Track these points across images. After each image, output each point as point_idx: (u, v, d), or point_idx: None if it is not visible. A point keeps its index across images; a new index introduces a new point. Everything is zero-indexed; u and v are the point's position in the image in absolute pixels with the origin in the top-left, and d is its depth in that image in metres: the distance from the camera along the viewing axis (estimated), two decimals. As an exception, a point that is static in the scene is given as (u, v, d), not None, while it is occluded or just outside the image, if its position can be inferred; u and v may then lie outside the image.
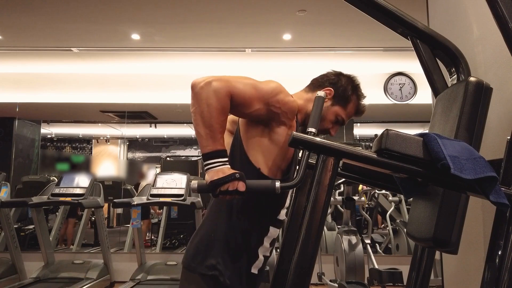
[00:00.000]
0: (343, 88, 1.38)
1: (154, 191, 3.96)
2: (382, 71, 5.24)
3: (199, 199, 3.94)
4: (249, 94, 1.18)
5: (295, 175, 1.15)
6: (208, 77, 1.14)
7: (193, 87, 1.13)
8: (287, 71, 5.23)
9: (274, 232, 1.33)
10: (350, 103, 1.39)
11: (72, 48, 4.66)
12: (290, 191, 1.40)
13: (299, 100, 1.35)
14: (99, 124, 7.43)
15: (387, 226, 4.59)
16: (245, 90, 1.17)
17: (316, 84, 1.40)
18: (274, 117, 1.24)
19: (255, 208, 1.29)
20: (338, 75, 1.42)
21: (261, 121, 1.25)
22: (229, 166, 1.15)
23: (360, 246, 3.20)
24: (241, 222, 1.27)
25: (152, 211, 5.99)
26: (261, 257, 1.30)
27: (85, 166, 7.94)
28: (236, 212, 1.28)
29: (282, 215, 1.36)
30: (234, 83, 1.16)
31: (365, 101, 1.44)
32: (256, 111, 1.21)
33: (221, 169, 1.12)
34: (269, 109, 1.22)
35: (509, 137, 1.16)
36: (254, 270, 1.29)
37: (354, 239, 3.19)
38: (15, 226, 4.30)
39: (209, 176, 1.12)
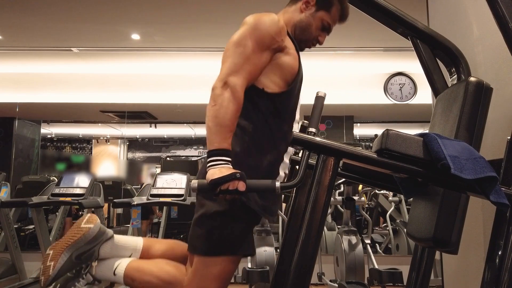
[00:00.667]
0: None
1: (154, 191, 3.95)
2: (382, 71, 5.23)
3: (199, 199, 3.93)
4: (256, 67, 1.24)
5: (295, 175, 1.15)
6: (222, 78, 1.20)
7: (213, 89, 1.20)
8: (287, 71, 5.21)
9: (290, 148, 1.38)
10: (333, 6, 1.41)
11: (72, 48, 4.65)
12: (299, 104, 1.41)
13: (284, 15, 1.42)
14: (99, 124, 7.42)
15: (387, 226, 4.59)
16: (251, 68, 1.22)
17: None
18: (277, 49, 1.29)
19: (277, 129, 1.31)
20: None
21: None
22: (230, 166, 1.15)
23: (360, 246, 3.20)
24: (267, 142, 1.29)
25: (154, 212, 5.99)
26: (281, 174, 1.35)
27: (85, 166, 7.94)
28: (262, 133, 1.29)
29: (295, 128, 1.39)
30: (242, 70, 1.21)
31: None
32: (268, 63, 1.27)
33: (222, 168, 1.13)
34: (273, 49, 1.26)
35: (509, 137, 1.16)
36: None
37: (354, 239, 3.19)
38: (15, 226, 4.30)
39: (210, 174, 1.13)
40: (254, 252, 1.34)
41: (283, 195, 2.87)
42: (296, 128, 1.39)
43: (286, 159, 1.35)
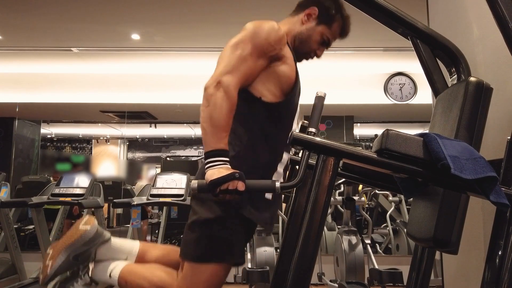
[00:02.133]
0: (327, 7, 1.42)
1: (154, 191, 3.95)
2: (382, 71, 5.23)
3: (199, 199, 3.93)
4: (252, 68, 1.23)
5: (295, 175, 1.15)
6: (216, 77, 1.18)
7: (205, 89, 1.19)
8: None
9: (286, 157, 1.37)
10: (335, 22, 1.42)
11: (72, 48, 4.65)
12: (296, 115, 1.41)
13: (285, 25, 1.40)
14: (99, 124, 7.42)
15: (387, 226, 4.58)
16: (247, 69, 1.22)
17: (301, 5, 1.45)
18: (273, 56, 1.28)
19: (273, 138, 1.31)
20: None
21: None
22: (229, 166, 1.15)
23: (360, 246, 3.19)
24: (261, 151, 1.29)
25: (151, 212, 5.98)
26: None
27: (85, 166, 7.94)
28: (256, 142, 1.29)
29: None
30: (238, 71, 1.20)
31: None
32: (263, 68, 1.26)
33: (221, 168, 1.13)
34: (269, 57, 1.26)
35: (509, 137, 1.16)
36: (268, 196, 1.31)
37: (354, 239, 3.19)
38: (15, 226, 4.30)
39: (209, 175, 1.13)
40: (244, 261, 1.34)
41: (282, 196, 2.87)
42: None
43: (280, 169, 1.34)
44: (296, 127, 1.40)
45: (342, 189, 3.73)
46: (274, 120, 1.30)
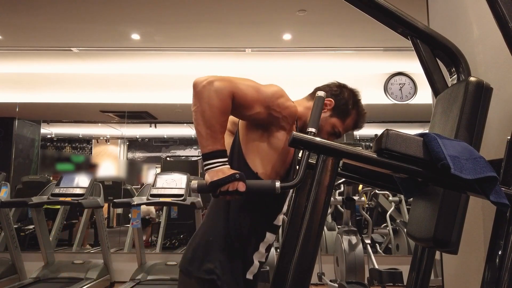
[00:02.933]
0: (344, 101, 1.38)
1: (154, 191, 3.96)
2: (382, 71, 5.24)
3: (199, 199, 3.94)
4: (250, 96, 1.17)
5: (295, 175, 1.15)
6: (210, 76, 1.12)
7: (195, 86, 1.12)
8: (287, 71, 5.23)
9: (270, 237, 1.32)
10: (349, 117, 1.39)
11: (72, 48, 4.66)
12: (289, 195, 1.39)
13: (300, 106, 1.34)
14: (99, 124, 7.42)
15: (387, 226, 4.59)
16: (247, 92, 1.16)
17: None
18: (274, 121, 1.23)
19: (253, 213, 1.28)
20: (341, 87, 1.42)
21: (261, 124, 1.24)
22: (229, 166, 1.14)
23: (360, 246, 3.20)
24: (238, 227, 1.26)
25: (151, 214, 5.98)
26: (256, 263, 1.29)
27: (85, 166, 7.93)
28: (234, 216, 1.27)
29: (279, 220, 1.35)
30: (237, 84, 1.15)
31: (365, 106, 1.44)
32: (257, 114, 1.20)
33: (221, 169, 1.12)
34: (269, 113, 1.21)
35: (509, 137, 1.16)
36: (249, 276, 1.27)
37: (354, 239, 3.19)
38: (15, 226, 4.30)
39: (209, 176, 1.11)
40: None
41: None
42: (280, 220, 1.35)
43: (263, 249, 1.30)
44: (286, 208, 1.37)
45: (342, 189, 3.73)
46: (264, 199, 1.27)
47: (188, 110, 1.16)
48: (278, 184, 1.11)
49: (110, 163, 8.27)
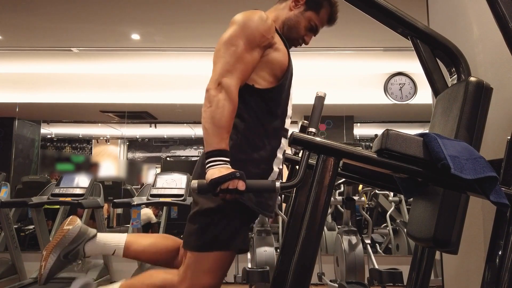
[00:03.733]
0: None
1: (154, 191, 3.95)
2: (382, 71, 5.23)
3: (199, 199, 3.93)
4: (248, 66, 1.25)
5: (295, 175, 1.15)
6: (216, 79, 1.20)
7: (207, 91, 1.21)
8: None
9: (285, 142, 1.38)
10: (322, 8, 1.44)
11: (72, 48, 4.65)
12: (290, 97, 1.42)
13: (272, 12, 1.43)
14: (99, 124, 7.42)
15: (387, 226, 4.58)
16: (245, 67, 1.24)
17: None
18: (269, 44, 1.30)
19: (270, 124, 1.32)
20: None
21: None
22: (229, 166, 1.16)
23: (360, 246, 3.19)
24: (258, 139, 1.30)
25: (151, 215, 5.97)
26: (275, 169, 1.33)
27: (85, 166, 7.93)
28: (253, 129, 1.30)
29: (288, 124, 1.39)
30: (235, 70, 1.22)
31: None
32: (261, 57, 1.28)
33: (221, 168, 1.14)
34: (263, 46, 1.28)
35: (509, 137, 1.16)
36: None
37: (354, 239, 3.19)
38: (15, 226, 4.29)
39: (209, 174, 1.13)
40: (248, 248, 1.34)
41: (283, 195, 2.88)
42: (288, 124, 1.39)
43: (280, 155, 1.34)
44: (291, 112, 1.41)
45: (342, 189, 3.73)
46: (268, 106, 1.31)
47: (188, 110, 1.18)
48: (278, 184, 1.11)
49: (110, 163, 8.27)
